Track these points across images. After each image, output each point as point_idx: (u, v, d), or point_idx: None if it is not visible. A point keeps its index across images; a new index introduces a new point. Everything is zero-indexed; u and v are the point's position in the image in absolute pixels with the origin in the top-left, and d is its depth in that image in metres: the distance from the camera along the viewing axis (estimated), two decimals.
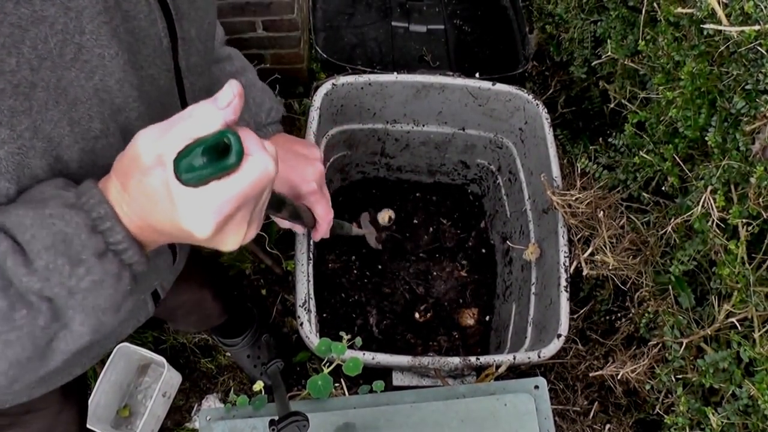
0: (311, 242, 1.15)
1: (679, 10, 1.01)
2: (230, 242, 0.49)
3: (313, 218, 0.92)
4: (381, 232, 1.69)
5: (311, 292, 1.13)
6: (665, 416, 1.09)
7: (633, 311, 1.27)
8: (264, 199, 0.50)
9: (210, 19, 0.68)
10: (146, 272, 0.55)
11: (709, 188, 0.97)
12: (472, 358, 1.12)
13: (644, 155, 1.15)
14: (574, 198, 1.21)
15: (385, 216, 1.71)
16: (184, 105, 0.66)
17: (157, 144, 0.44)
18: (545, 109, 1.36)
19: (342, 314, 1.61)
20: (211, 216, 0.44)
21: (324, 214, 0.91)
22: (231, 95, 0.45)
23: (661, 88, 1.09)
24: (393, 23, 1.96)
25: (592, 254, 1.21)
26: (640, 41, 1.16)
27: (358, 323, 1.60)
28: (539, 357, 1.10)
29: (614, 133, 1.30)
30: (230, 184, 0.44)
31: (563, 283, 1.19)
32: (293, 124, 1.90)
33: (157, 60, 0.58)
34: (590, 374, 1.33)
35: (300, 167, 0.88)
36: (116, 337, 0.87)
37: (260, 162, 0.45)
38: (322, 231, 0.95)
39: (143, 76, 0.56)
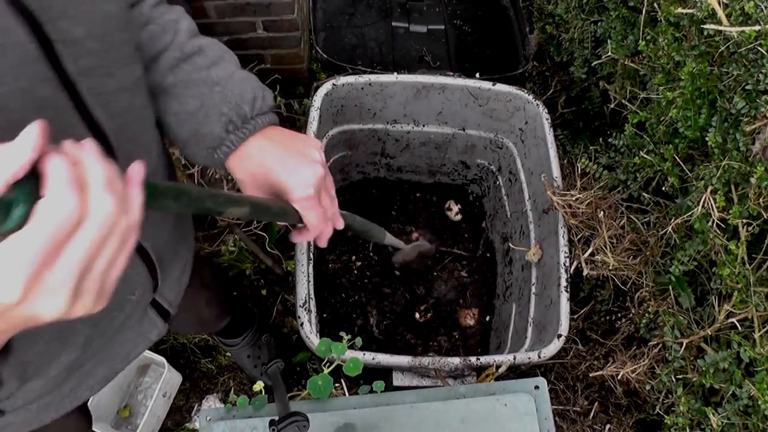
0: (312, 242, 1.15)
1: (680, 10, 1.01)
2: (47, 309, 0.40)
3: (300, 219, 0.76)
4: (429, 253, 1.52)
5: (311, 292, 1.13)
6: (665, 416, 1.09)
7: (633, 311, 1.27)
8: (109, 254, 0.42)
9: (106, 12, 0.59)
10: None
11: (710, 188, 0.97)
12: (472, 359, 1.12)
13: (644, 155, 1.15)
14: (574, 198, 1.22)
15: (454, 208, 1.63)
16: (82, 110, 0.58)
17: None
18: (545, 110, 1.36)
19: (342, 314, 1.61)
20: (8, 277, 0.37)
21: (317, 224, 0.75)
22: (24, 142, 0.37)
23: (661, 88, 1.09)
24: (393, 23, 1.96)
25: (592, 254, 1.21)
26: (640, 41, 1.16)
27: (359, 323, 1.60)
28: (539, 357, 1.10)
29: (614, 134, 1.30)
30: (18, 239, 0.37)
31: (563, 283, 1.19)
32: (293, 124, 1.91)
33: (27, 70, 0.50)
34: (590, 374, 1.33)
35: (290, 167, 0.73)
36: (125, 358, 0.86)
37: (56, 207, 0.37)
38: (310, 236, 0.79)
39: (6, 92, 0.49)
